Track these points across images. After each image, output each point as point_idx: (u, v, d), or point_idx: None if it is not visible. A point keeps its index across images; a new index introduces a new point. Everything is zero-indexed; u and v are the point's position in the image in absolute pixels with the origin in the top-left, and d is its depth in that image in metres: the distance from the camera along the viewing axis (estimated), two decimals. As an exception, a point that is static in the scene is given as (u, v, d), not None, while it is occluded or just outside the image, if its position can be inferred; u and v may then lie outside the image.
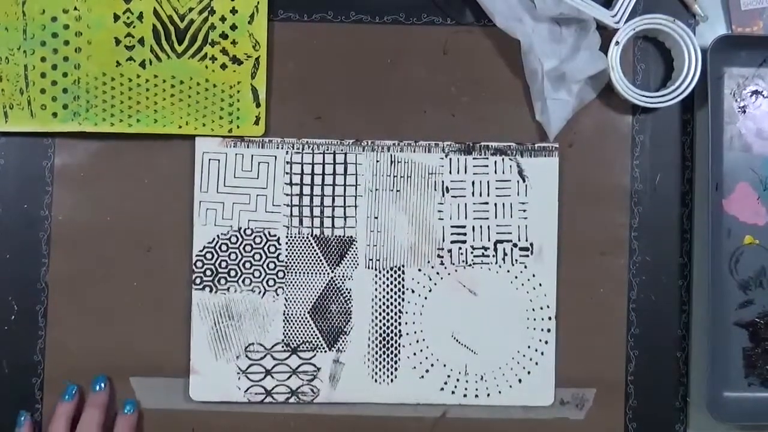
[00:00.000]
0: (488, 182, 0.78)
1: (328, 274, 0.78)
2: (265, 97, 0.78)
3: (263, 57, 0.78)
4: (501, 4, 0.76)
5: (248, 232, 0.78)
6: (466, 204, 0.78)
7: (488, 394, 0.78)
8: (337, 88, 0.79)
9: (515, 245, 0.78)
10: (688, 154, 0.79)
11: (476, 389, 0.78)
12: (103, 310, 0.78)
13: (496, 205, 0.78)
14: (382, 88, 0.79)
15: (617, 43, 0.76)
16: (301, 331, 0.78)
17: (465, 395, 0.78)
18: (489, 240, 0.78)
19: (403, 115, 0.79)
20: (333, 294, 0.78)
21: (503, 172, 0.78)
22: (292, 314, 0.78)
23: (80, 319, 0.77)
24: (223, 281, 0.78)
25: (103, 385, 0.76)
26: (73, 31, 0.77)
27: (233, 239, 0.78)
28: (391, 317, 0.78)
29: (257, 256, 0.78)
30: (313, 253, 0.78)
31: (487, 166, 0.78)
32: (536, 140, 0.78)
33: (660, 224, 0.79)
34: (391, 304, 0.78)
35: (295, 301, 0.78)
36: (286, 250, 0.78)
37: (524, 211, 0.78)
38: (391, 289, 0.78)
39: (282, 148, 0.78)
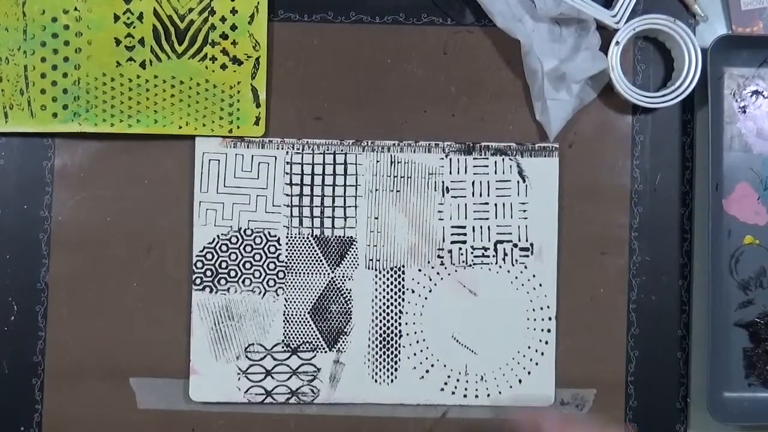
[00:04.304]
0: (488, 182, 0.78)
1: (329, 274, 0.78)
2: (265, 97, 0.78)
3: (263, 57, 0.78)
4: (501, 4, 0.76)
5: (248, 232, 0.78)
6: (466, 204, 0.78)
7: (488, 395, 0.78)
8: (337, 88, 0.79)
9: (515, 245, 0.78)
10: (688, 154, 0.79)
11: (476, 389, 0.78)
12: (103, 310, 0.78)
13: (496, 205, 0.78)
14: (382, 88, 0.79)
15: (617, 43, 0.76)
16: (302, 331, 0.78)
17: (465, 395, 0.78)
18: (489, 240, 0.78)
19: (403, 115, 0.79)
20: (333, 294, 0.78)
21: (503, 173, 0.78)
22: (292, 315, 0.78)
23: (80, 319, 0.77)
24: (223, 282, 0.78)
25: None
26: (73, 32, 0.77)
27: (233, 240, 0.78)
28: (392, 317, 0.78)
29: (257, 257, 0.78)
30: (313, 254, 0.78)
31: (487, 166, 0.78)
32: (536, 140, 0.78)
33: (660, 224, 0.79)
34: (392, 304, 0.78)
35: (295, 302, 0.78)
36: (286, 250, 0.78)
37: (524, 211, 0.78)
38: (392, 290, 0.78)
39: (282, 148, 0.78)
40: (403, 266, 0.78)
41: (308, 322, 0.78)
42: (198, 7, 0.77)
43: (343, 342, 0.78)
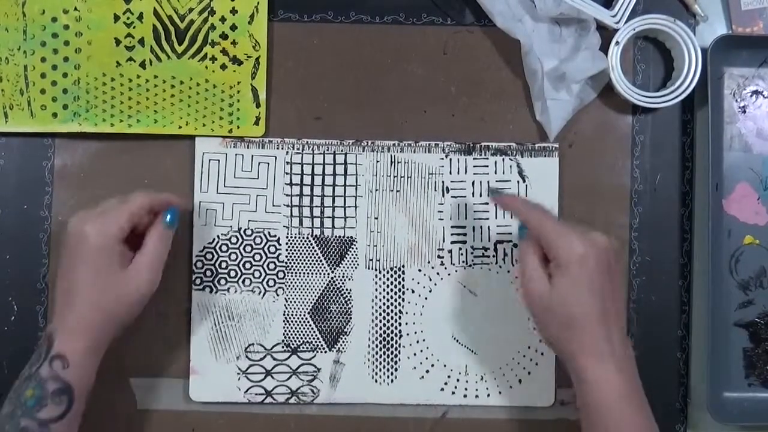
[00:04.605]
0: (488, 182, 0.78)
1: (328, 274, 0.78)
2: (265, 97, 0.78)
3: (263, 57, 0.78)
4: (501, 4, 0.76)
5: (248, 232, 0.78)
6: (466, 204, 0.78)
7: (488, 395, 0.78)
8: (337, 88, 0.79)
9: (515, 246, 0.78)
10: (688, 154, 0.79)
11: (476, 390, 0.78)
12: (103, 311, 0.78)
13: (496, 205, 0.78)
14: (382, 88, 0.79)
15: (617, 43, 0.76)
16: (301, 331, 0.78)
17: (465, 395, 0.78)
18: (489, 240, 0.78)
19: (403, 115, 0.79)
20: (333, 294, 0.78)
21: (503, 173, 0.78)
22: (292, 315, 0.78)
23: (80, 320, 0.77)
24: (223, 282, 0.78)
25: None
26: (73, 32, 0.77)
27: (233, 240, 0.78)
28: (392, 318, 0.78)
29: (257, 257, 0.78)
30: (313, 254, 0.78)
31: (487, 166, 0.78)
32: (536, 140, 0.78)
33: (660, 224, 0.79)
34: (392, 304, 0.78)
35: (295, 302, 0.78)
36: (286, 250, 0.78)
37: None
38: (392, 290, 0.78)
39: (282, 148, 0.78)
40: (403, 266, 0.78)
41: (308, 322, 0.78)
42: (198, 7, 0.77)
43: (343, 342, 0.78)
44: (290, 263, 0.78)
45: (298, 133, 0.78)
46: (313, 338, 0.78)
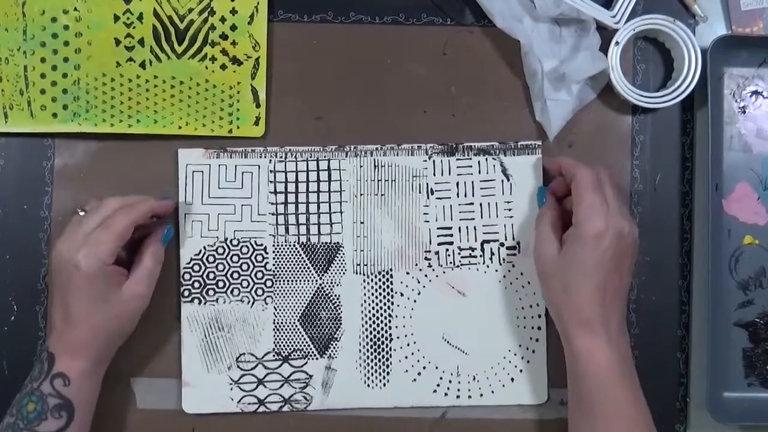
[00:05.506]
0: (472, 182, 0.78)
1: (317, 281, 0.78)
2: (265, 97, 0.78)
3: (263, 57, 0.78)
4: (501, 4, 0.76)
5: (235, 242, 0.78)
6: (451, 205, 0.78)
7: (481, 394, 0.77)
8: (337, 89, 0.79)
9: (502, 244, 0.78)
10: (688, 154, 0.79)
11: (469, 390, 0.77)
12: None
13: (481, 205, 0.78)
14: (382, 88, 0.79)
15: (617, 43, 0.76)
16: (292, 339, 0.78)
17: (458, 396, 0.77)
18: (476, 240, 0.78)
19: (403, 116, 0.79)
20: (322, 301, 0.78)
21: (487, 172, 0.78)
22: (282, 323, 0.78)
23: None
24: (211, 292, 0.77)
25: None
26: (73, 32, 0.77)
27: (220, 250, 0.78)
28: (381, 321, 0.77)
29: (245, 266, 0.78)
30: (300, 261, 0.78)
31: (470, 166, 0.78)
32: (522, 139, 0.78)
33: (660, 224, 0.79)
34: (381, 308, 0.77)
35: (284, 310, 0.78)
36: (274, 258, 0.78)
37: (510, 210, 0.78)
38: (380, 294, 0.78)
39: (265, 157, 0.78)
40: (391, 270, 0.78)
41: (298, 329, 0.77)
42: (198, 8, 0.78)
43: (334, 348, 0.77)
44: (278, 271, 0.78)
45: (298, 133, 0.78)
46: (304, 345, 0.77)
